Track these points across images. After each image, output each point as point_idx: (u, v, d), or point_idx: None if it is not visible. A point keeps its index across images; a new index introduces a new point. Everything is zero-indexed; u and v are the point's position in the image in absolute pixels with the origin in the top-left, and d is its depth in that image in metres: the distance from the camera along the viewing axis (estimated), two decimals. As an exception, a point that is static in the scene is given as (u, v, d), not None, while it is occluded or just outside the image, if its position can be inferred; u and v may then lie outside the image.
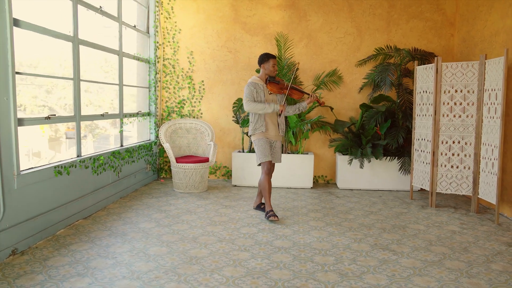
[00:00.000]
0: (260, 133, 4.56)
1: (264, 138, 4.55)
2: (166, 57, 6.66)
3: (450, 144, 5.06)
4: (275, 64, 4.56)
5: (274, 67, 4.56)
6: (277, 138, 4.65)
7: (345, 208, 5.07)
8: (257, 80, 4.60)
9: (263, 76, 4.62)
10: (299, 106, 4.73)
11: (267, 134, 4.58)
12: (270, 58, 4.55)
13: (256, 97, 4.52)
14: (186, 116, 6.72)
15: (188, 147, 6.36)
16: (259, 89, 4.54)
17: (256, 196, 5.04)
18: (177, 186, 5.82)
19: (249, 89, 4.53)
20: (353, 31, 6.45)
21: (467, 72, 4.90)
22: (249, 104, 4.49)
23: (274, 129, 4.61)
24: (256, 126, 4.58)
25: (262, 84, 4.58)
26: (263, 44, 6.56)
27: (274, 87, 4.54)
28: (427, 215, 4.81)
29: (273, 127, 4.60)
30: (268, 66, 4.55)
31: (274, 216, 4.41)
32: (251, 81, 4.59)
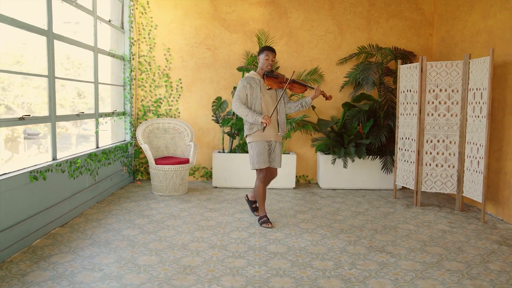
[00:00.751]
0: (257, 134, 4.14)
1: (261, 141, 4.15)
2: (141, 54, 6.37)
3: (435, 143, 5.08)
4: (268, 57, 4.15)
5: (267, 60, 4.15)
6: (277, 139, 4.24)
7: (332, 209, 4.99)
8: (253, 74, 4.24)
9: (259, 70, 4.25)
10: (302, 102, 4.26)
11: (265, 134, 4.15)
12: (263, 50, 4.19)
13: (251, 94, 4.14)
14: (163, 115, 6.46)
15: (166, 148, 6.10)
16: (254, 84, 4.17)
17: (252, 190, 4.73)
18: (156, 189, 5.56)
19: (241, 85, 4.18)
20: (334, 29, 6.39)
21: (452, 72, 4.93)
22: (235, 104, 4.15)
23: (273, 129, 4.19)
24: (253, 126, 4.16)
25: (259, 78, 4.20)
26: (243, 42, 6.39)
27: (272, 82, 4.15)
28: (414, 215, 4.80)
29: (271, 127, 4.17)
30: (262, 60, 4.19)
31: (267, 223, 4.23)
32: (246, 76, 4.27)
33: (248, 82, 4.19)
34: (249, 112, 4.09)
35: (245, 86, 4.17)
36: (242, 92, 4.18)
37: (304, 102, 4.27)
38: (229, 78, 6.43)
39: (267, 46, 4.24)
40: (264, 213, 4.33)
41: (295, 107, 4.31)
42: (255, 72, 4.27)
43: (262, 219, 4.28)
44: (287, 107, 4.33)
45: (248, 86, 4.17)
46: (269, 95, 4.22)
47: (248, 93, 4.17)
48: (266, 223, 4.23)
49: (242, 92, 4.18)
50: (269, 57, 4.17)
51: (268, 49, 4.19)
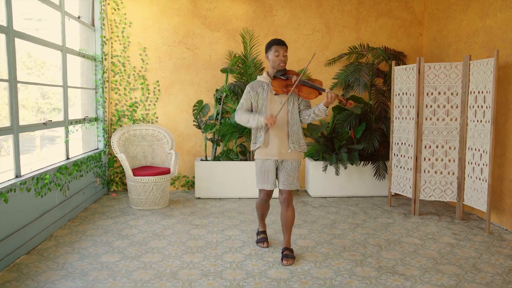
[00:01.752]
0: (261, 151, 3.44)
1: (262, 160, 3.45)
2: (115, 54, 5.83)
3: (433, 149, 4.82)
4: (278, 53, 3.32)
5: (278, 56, 3.32)
6: (287, 156, 3.40)
7: (328, 221, 4.65)
8: (263, 77, 3.47)
9: (270, 70, 3.46)
10: (315, 109, 3.34)
11: (269, 152, 3.40)
12: (271, 45, 3.36)
13: (257, 102, 3.42)
14: (139, 121, 5.94)
15: (144, 157, 5.60)
16: (260, 90, 3.42)
17: None
18: (134, 203, 5.06)
19: (245, 92, 3.50)
20: (321, 28, 6.05)
21: (451, 74, 4.68)
22: (236, 115, 3.49)
23: (280, 144, 3.37)
24: (256, 138, 3.47)
25: (267, 82, 3.43)
26: (225, 41, 5.96)
27: (276, 85, 3.32)
28: (414, 225, 4.52)
29: (277, 141, 3.37)
30: (271, 56, 3.36)
31: (263, 242, 3.80)
32: (254, 80, 3.59)
33: (253, 88, 3.45)
34: (250, 116, 3.37)
35: (249, 93, 3.45)
36: (246, 101, 3.47)
37: (317, 109, 3.33)
38: (211, 80, 5.99)
39: (275, 39, 3.40)
40: (263, 228, 3.91)
41: (308, 116, 3.40)
42: (264, 75, 3.50)
43: (259, 237, 3.88)
44: (301, 115, 3.44)
45: (253, 93, 3.43)
46: (278, 102, 3.38)
47: (253, 100, 3.45)
48: (261, 243, 3.82)
49: (246, 101, 3.47)
50: (279, 52, 3.33)
51: (277, 43, 3.35)
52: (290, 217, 3.46)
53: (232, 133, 5.63)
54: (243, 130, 5.68)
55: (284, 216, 3.48)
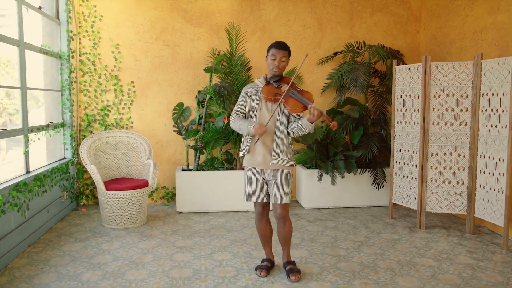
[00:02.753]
0: (247, 158, 3.23)
1: (249, 168, 3.22)
2: (83, 51, 5.16)
3: (441, 156, 4.40)
4: (275, 57, 3.07)
5: (274, 60, 3.08)
6: (273, 167, 3.13)
7: (328, 239, 4.16)
8: (259, 81, 3.21)
9: (269, 73, 3.23)
10: (299, 123, 3.06)
11: (254, 159, 3.18)
12: (271, 47, 3.12)
13: (249, 106, 3.20)
14: (112, 126, 5.30)
15: (118, 167, 4.96)
16: (254, 93, 3.20)
17: None
18: (107, 221, 4.43)
19: (241, 95, 3.28)
20: (313, 23, 5.56)
21: (460, 74, 4.26)
22: (231, 120, 3.25)
23: (265, 153, 3.13)
24: (244, 146, 3.23)
25: (262, 86, 3.20)
26: (208, 37, 5.38)
27: (266, 92, 3.09)
28: (424, 242, 4.08)
29: (262, 150, 3.13)
30: (268, 60, 3.14)
31: (260, 270, 3.29)
32: (250, 83, 3.38)
33: (249, 90, 3.23)
34: (241, 123, 3.14)
35: (243, 96, 3.23)
36: (239, 105, 3.25)
37: (300, 124, 3.04)
38: (193, 81, 5.40)
39: (276, 42, 3.14)
40: (268, 256, 3.41)
41: (294, 130, 3.10)
42: (261, 78, 3.25)
43: (261, 263, 3.38)
44: (288, 128, 3.15)
45: (247, 96, 3.22)
46: (269, 109, 3.14)
47: (246, 104, 3.22)
48: (259, 270, 3.30)
49: (239, 105, 3.25)
50: (276, 57, 3.07)
51: (276, 46, 3.10)
52: (288, 232, 3.24)
53: (217, 139, 5.06)
54: (229, 136, 5.13)
55: (282, 233, 3.24)
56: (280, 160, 3.11)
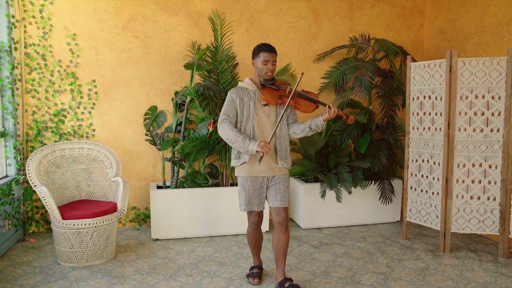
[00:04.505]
0: (245, 167, 2.98)
1: (248, 177, 2.99)
2: (30, 42, 4.14)
3: (468, 168, 3.76)
4: (267, 61, 2.93)
5: (266, 65, 2.94)
6: (275, 172, 2.99)
7: (344, 271, 3.41)
8: (247, 83, 3.04)
9: (256, 78, 3.05)
10: (311, 124, 2.99)
11: (255, 169, 2.96)
12: (259, 51, 2.95)
13: (242, 112, 2.96)
14: (69, 135, 4.31)
15: (77, 186, 3.98)
16: (246, 98, 2.99)
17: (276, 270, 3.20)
18: (65, 257, 3.46)
19: (227, 99, 3.01)
20: (308, 14, 4.81)
21: (491, 72, 3.65)
22: (221, 127, 2.98)
23: (269, 159, 2.95)
24: (241, 155, 2.99)
25: (253, 90, 3.01)
26: (186, 27, 4.51)
27: (269, 95, 2.91)
28: (457, 271, 3.42)
29: (265, 157, 2.90)
30: (258, 64, 2.97)
31: (254, 277, 3.18)
32: (236, 86, 3.10)
33: (239, 95, 3.00)
34: (239, 137, 2.89)
35: (234, 101, 2.98)
36: (230, 109, 2.99)
37: (314, 124, 2.99)
38: (168, 79, 4.51)
39: (263, 44, 2.97)
40: (258, 263, 3.31)
41: (301, 131, 3.04)
42: (251, 81, 3.06)
43: (251, 271, 3.25)
44: (292, 130, 3.08)
45: (239, 100, 2.98)
46: (266, 114, 3.00)
47: (238, 110, 2.98)
48: (252, 278, 3.19)
49: (230, 109, 2.99)
50: (268, 61, 2.94)
51: (265, 49, 2.95)
52: (287, 242, 3.01)
53: (199, 150, 4.20)
54: (214, 146, 4.28)
55: (281, 241, 2.98)
56: (285, 163, 3.01)
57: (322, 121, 2.95)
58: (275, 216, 2.98)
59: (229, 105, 2.97)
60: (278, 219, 2.97)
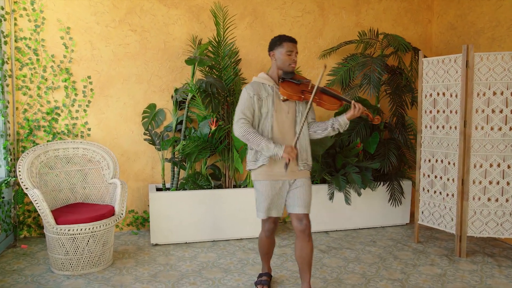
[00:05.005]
0: (263, 171, 2.72)
1: (267, 181, 2.72)
2: (21, 36, 3.90)
3: (486, 168, 3.58)
4: (292, 51, 2.70)
5: (290, 55, 2.70)
6: (296, 175, 2.73)
7: (357, 278, 3.22)
8: (263, 78, 2.78)
9: (274, 72, 2.79)
10: (334, 123, 2.74)
11: (278, 170, 2.70)
12: (283, 41, 2.71)
13: (260, 110, 2.71)
14: (63, 134, 4.07)
15: (71, 189, 3.74)
16: (265, 95, 2.73)
17: None
18: (58, 265, 3.23)
19: (245, 96, 2.72)
20: (313, 8, 4.62)
21: (511, 67, 3.47)
22: (240, 128, 2.68)
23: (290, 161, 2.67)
24: (257, 155, 2.74)
25: (271, 85, 2.76)
26: (186, 21, 4.29)
27: (290, 90, 2.66)
28: (477, 278, 3.24)
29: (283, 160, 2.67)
30: (280, 55, 2.71)
31: (262, 285, 2.99)
32: (252, 82, 2.80)
33: (256, 91, 2.73)
34: (262, 140, 2.63)
35: (251, 98, 2.71)
36: (248, 107, 2.71)
37: (337, 123, 2.74)
38: (167, 76, 4.29)
39: (285, 35, 2.74)
40: (267, 270, 3.09)
41: (322, 130, 2.80)
42: (267, 75, 2.80)
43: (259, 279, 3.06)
44: (312, 129, 2.83)
45: (256, 97, 2.72)
46: (285, 111, 2.74)
47: (256, 108, 2.71)
48: (260, 285, 3.00)
49: (248, 107, 2.71)
50: (292, 51, 2.71)
51: (288, 39, 2.72)
52: (311, 251, 2.75)
53: (201, 150, 3.98)
54: (216, 145, 4.07)
55: (304, 251, 2.72)
56: (306, 165, 2.77)
57: (346, 120, 2.70)
58: (297, 223, 2.73)
59: (246, 103, 2.70)
60: (300, 227, 2.72)
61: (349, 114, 2.68)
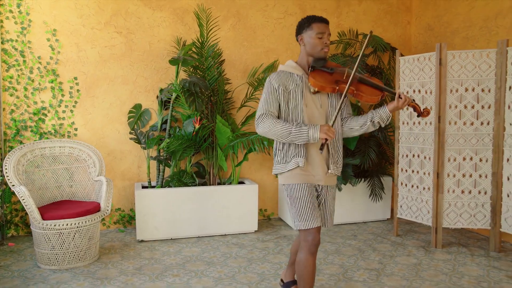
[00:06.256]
0: (297, 173, 2.32)
1: (302, 185, 2.31)
2: (7, 38, 3.99)
3: (459, 162, 3.73)
4: (323, 32, 2.31)
5: (322, 38, 2.31)
6: (327, 182, 2.39)
7: (336, 268, 3.32)
8: (291, 67, 2.40)
9: (304, 59, 2.41)
10: (374, 116, 2.34)
11: (310, 174, 2.34)
12: (312, 22, 2.33)
13: (287, 103, 2.32)
14: (50, 134, 4.15)
15: (58, 187, 3.82)
16: (293, 85, 2.34)
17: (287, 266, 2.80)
18: (45, 260, 3.30)
19: (267, 89, 2.34)
20: (295, 10, 4.75)
21: (481, 64, 3.62)
22: (262, 123, 2.28)
23: (322, 164, 2.35)
24: (287, 155, 2.34)
25: (300, 74, 2.37)
26: (171, 23, 4.41)
27: (322, 81, 2.27)
28: (450, 266, 3.36)
29: (318, 159, 2.34)
30: (310, 38, 2.33)
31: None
32: (277, 71, 2.40)
33: (282, 81, 2.33)
34: (290, 126, 2.24)
35: (276, 90, 2.32)
36: (273, 102, 2.32)
37: (377, 117, 2.33)
38: (152, 77, 4.39)
39: (315, 16, 2.35)
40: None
41: (360, 126, 2.38)
42: (295, 63, 2.42)
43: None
44: (348, 125, 2.43)
45: (282, 88, 2.33)
46: (317, 105, 2.36)
47: (282, 101, 2.33)
48: None
49: (273, 102, 2.32)
50: (324, 33, 2.31)
51: (319, 20, 2.33)
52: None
53: (186, 148, 4.08)
54: (200, 143, 4.17)
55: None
56: (336, 169, 2.39)
57: (388, 113, 2.30)
58: None
59: (270, 97, 2.32)
60: None
61: (392, 106, 2.29)
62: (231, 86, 4.57)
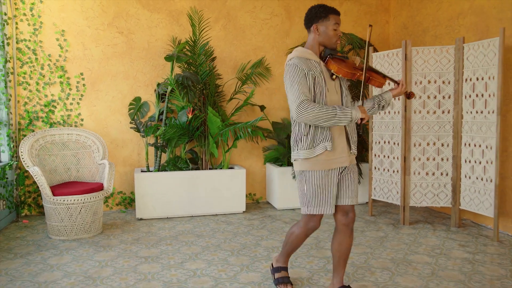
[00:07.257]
0: (323, 159, 2.39)
1: (323, 171, 2.40)
2: (21, 38, 4.48)
3: (424, 147, 4.16)
4: (338, 24, 2.42)
5: (336, 30, 2.40)
6: (352, 161, 2.50)
7: (310, 240, 3.77)
8: (308, 53, 2.42)
9: (315, 46, 2.45)
10: (381, 100, 2.53)
11: (336, 158, 2.42)
12: (330, 13, 2.40)
13: (313, 89, 2.37)
14: (59, 124, 4.63)
15: (66, 170, 4.31)
16: (314, 70, 2.38)
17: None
18: (55, 231, 3.78)
19: (296, 74, 2.34)
20: (280, 11, 5.20)
21: (441, 59, 4.05)
22: (306, 108, 2.28)
23: (344, 146, 2.45)
24: (314, 140, 2.40)
25: (318, 61, 2.42)
26: (167, 24, 4.87)
27: (344, 66, 2.39)
28: (412, 238, 3.80)
29: (341, 141, 2.44)
30: (326, 29, 2.39)
31: (285, 284, 2.73)
32: (296, 56, 2.40)
33: (308, 67, 2.37)
34: (335, 109, 2.30)
35: (306, 75, 2.34)
36: (305, 85, 2.34)
37: (383, 100, 2.52)
38: (151, 72, 4.86)
39: (330, 7, 2.43)
40: (285, 264, 2.81)
41: (368, 110, 2.54)
42: (307, 50, 2.44)
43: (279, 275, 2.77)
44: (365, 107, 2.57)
45: (311, 74, 2.37)
46: (336, 91, 2.46)
47: (311, 86, 2.36)
48: (284, 284, 2.73)
49: (305, 85, 2.34)
50: (338, 25, 2.42)
51: (334, 11, 2.42)
52: (350, 246, 2.55)
53: (180, 136, 4.55)
54: (193, 132, 4.63)
55: (344, 245, 2.52)
56: (355, 148, 2.51)
57: (392, 97, 2.53)
58: (341, 216, 2.50)
59: (302, 81, 2.33)
60: (344, 220, 2.49)
61: (395, 91, 2.52)
62: (222, 80, 5.02)
